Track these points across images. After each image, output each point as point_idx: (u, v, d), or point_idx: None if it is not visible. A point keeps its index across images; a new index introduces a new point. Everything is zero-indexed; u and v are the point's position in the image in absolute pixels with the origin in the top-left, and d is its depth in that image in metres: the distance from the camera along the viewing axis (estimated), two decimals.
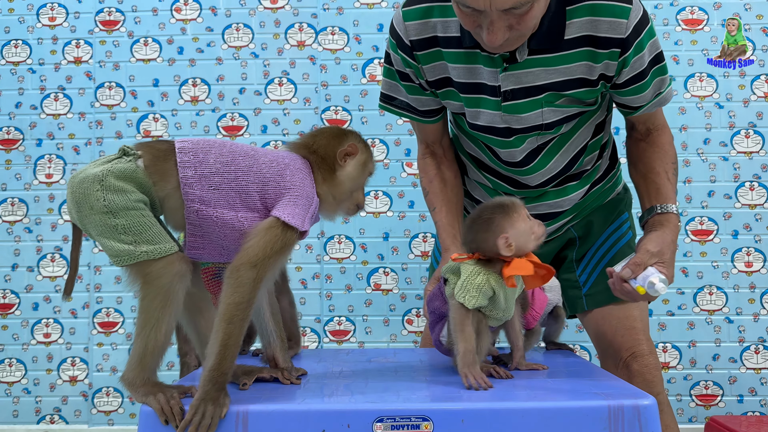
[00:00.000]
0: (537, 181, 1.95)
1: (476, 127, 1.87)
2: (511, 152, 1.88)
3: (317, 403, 1.37)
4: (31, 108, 3.29)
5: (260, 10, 3.30)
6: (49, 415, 3.20)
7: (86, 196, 1.45)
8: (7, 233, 3.26)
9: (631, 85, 1.78)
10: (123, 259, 1.42)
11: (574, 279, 2.07)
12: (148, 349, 1.42)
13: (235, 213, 1.46)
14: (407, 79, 1.90)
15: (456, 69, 1.80)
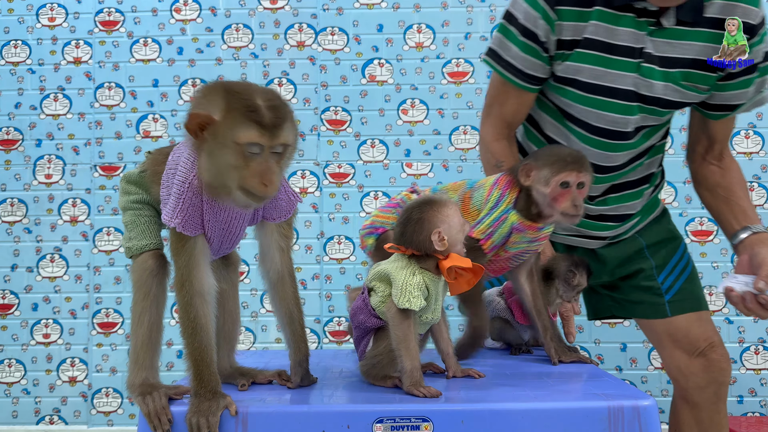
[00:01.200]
0: (621, 161, 1.97)
1: (597, 89, 1.86)
2: (624, 119, 1.89)
3: (317, 403, 1.37)
4: (31, 108, 3.29)
5: (260, 10, 3.30)
6: (48, 415, 3.20)
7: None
8: (7, 234, 3.26)
9: (742, 77, 1.88)
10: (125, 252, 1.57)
11: (656, 286, 2.09)
12: (138, 345, 1.49)
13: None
14: (531, 36, 1.85)
15: (597, 27, 1.82)
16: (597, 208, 2.03)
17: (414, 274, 1.45)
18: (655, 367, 3.14)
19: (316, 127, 3.26)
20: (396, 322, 1.43)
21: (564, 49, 1.85)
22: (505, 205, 1.67)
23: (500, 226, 1.66)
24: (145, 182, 1.53)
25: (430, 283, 1.47)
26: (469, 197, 1.73)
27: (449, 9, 3.27)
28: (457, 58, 3.26)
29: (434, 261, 1.47)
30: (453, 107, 3.25)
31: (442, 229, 1.45)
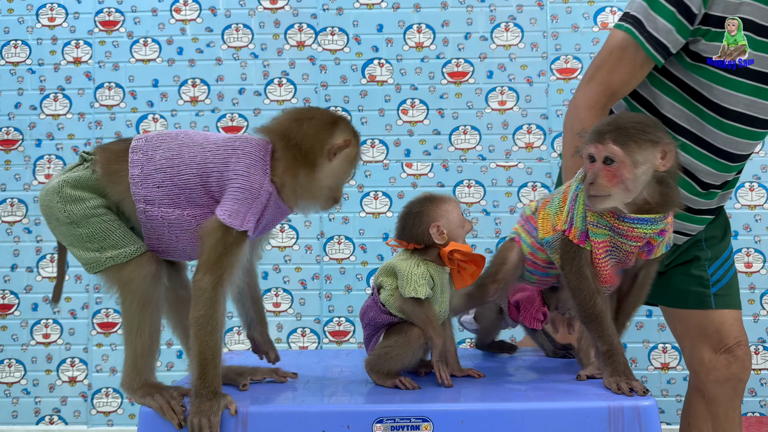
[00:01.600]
0: (750, 150, 1.95)
1: (746, 73, 1.78)
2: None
3: (317, 403, 1.37)
4: (31, 108, 3.29)
5: (260, 10, 3.30)
6: (48, 415, 3.20)
7: (50, 208, 1.44)
8: (7, 234, 3.25)
9: None
10: (92, 266, 1.42)
11: (706, 277, 2.07)
12: (138, 353, 1.43)
13: (181, 211, 1.40)
14: (680, 6, 1.74)
15: (752, 7, 1.76)
16: (704, 201, 1.94)
17: (418, 265, 1.52)
18: (655, 367, 3.14)
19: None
20: (410, 309, 1.51)
21: (711, 25, 1.75)
22: (577, 182, 1.54)
23: (575, 205, 1.52)
24: (100, 184, 1.44)
25: (434, 273, 1.53)
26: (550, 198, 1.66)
27: (449, 9, 3.27)
28: (457, 58, 3.26)
29: (436, 251, 1.54)
30: (453, 107, 3.25)
31: (441, 223, 1.53)
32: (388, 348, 1.51)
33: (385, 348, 1.51)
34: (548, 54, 3.25)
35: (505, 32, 3.26)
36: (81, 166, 1.47)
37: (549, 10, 3.26)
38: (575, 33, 3.25)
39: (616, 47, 1.80)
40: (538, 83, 3.25)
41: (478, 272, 1.56)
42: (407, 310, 1.50)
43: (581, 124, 1.79)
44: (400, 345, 1.50)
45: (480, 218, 3.20)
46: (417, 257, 1.54)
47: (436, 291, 1.54)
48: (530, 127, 3.23)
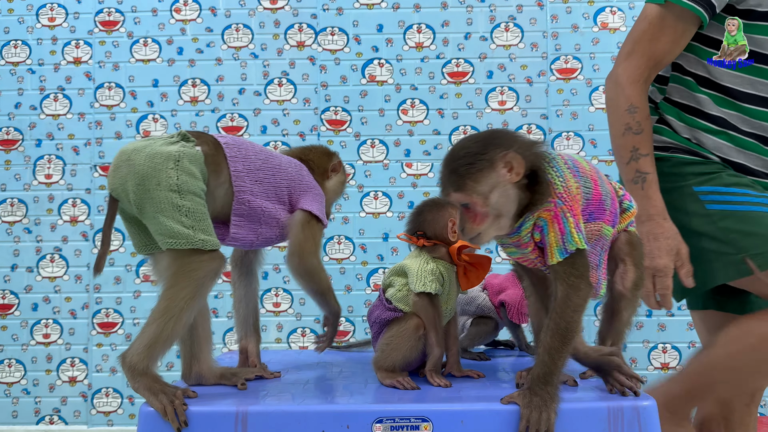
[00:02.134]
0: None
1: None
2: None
3: (317, 403, 1.37)
4: (31, 108, 3.29)
5: (260, 10, 3.30)
6: (48, 415, 3.20)
7: (156, 171, 1.41)
8: (7, 234, 3.26)
9: None
10: (179, 241, 1.39)
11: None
12: (161, 337, 1.38)
13: (273, 204, 1.59)
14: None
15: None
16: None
17: (428, 263, 1.58)
18: (655, 367, 3.14)
19: (315, 127, 3.26)
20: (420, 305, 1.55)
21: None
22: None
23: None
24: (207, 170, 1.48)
25: (444, 270, 1.59)
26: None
27: (449, 9, 3.27)
28: (457, 58, 3.26)
29: (444, 249, 1.61)
30: (453, 107, 3.25)
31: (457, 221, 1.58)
32: (389, 339, 1.55)
33: (386, 341, 1.55)
34: (548, 54, 3.25)
35: (505, 32, 3.26)
36: (188, 144, 1.48)
37: (549, 10, 3.26)
38: (575, 33, 3.25)
39: (655, 17, 1.73)
40: (538, 83, 3.25)
41: (483, 274, 1.63)
42: (417, 306, 1.54)
43: (628, 100, 1.74)
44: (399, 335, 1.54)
45: None
46: (426, 255, 1.60)
47: (445, 287, 1.59)
48: (530, 127, 3.23)
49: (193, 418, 1.33)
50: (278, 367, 1.71)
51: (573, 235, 1.32)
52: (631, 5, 3.24)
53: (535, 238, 1.37)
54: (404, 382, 1.49)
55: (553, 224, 1.33)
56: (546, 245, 1.35)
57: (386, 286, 1.63)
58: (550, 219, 1.34)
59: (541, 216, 1.34)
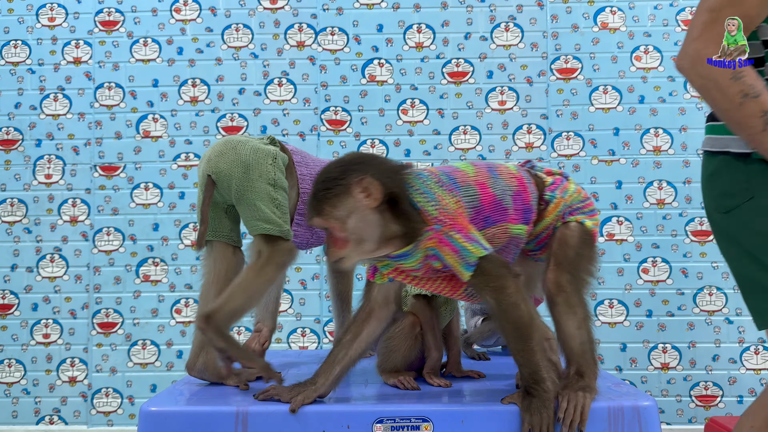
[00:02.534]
0: None
1: None
2: None
3: (317, 403, 1.37)
4: (31, 108, 3.29)
5: (260, 10, 3.30)
6: (48, 415, 3.20)
7: (259, 164, 1.60)
8: (7, 234, 3.25)
9: None
10: (273, 228, 1.58)
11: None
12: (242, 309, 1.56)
13: None
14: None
15: None
16: None
17: None
18: (655, 367, 3.14)
19: (316, 127, 3.26)
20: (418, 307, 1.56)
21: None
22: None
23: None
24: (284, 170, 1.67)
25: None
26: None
27: (449, 9, 3.27)
28: (457, 58, 3.26)
29: None
30: (453, 107, 3.25)
31: None
32: (387, 342, 1.55)
33: (385, 344, 1.56)
34: (548, 54, 3.25)
35: (505, 32, 3.26)
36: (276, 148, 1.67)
37: (549, 10, 3.26)
38: (575, 33, 3.25)
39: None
40: (538, 83, 3.25)
41: None
42: (415, 308, 1.55)
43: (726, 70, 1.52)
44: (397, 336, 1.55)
45: None
46: None
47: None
48: (530, 127, 3.23)
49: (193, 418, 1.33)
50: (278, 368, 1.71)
51: (467, 248, 1.32)
52: (631, 5, 3.24)
53: (436, 266, 1.37)
54: (405, 381, 1.49)
55: (443, 248, 1.34)
56: (451, 267, 1.35)
57: None
58: (438, 246, 1.34)
59: (428, 246, 1.35)
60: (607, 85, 3.23)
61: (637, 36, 3.23)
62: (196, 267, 3.20)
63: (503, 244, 1.43)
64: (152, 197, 3.24)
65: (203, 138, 3.26)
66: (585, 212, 1.50)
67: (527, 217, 1.45)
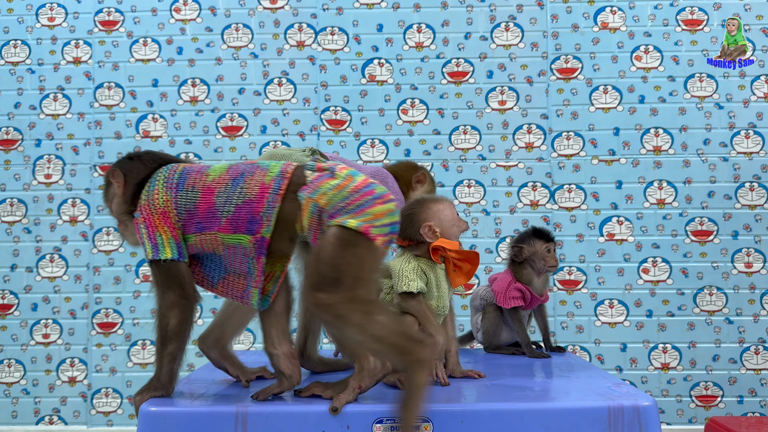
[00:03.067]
0: None
1: None
2: None
3: (317, 404, 1.36)
4: (30, 108, 3.29)
5: (260, 10, 3.30)
6: (48, 415, 3.20)
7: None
8: (6, 234, 3.25)
9: None
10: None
11: None
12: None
13: None
14: None
15: None
16: None
17: (409, 261, 1.60)
18: (655, 367, 3.14)
19: (315, 127, 3.26)
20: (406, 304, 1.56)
21: None
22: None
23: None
24: None
25: (426, 268, 1.60)
26: None
27: (449, 9, 3.27)
28: (457, 58, 3.26)
29: (426, 247, 1.62)
30: (453, 107, 3.25)
31: (434, 222, 1.61)
32: None
33: None
34: (548, 54, 3.25)
35: (505, 32, 3.26)
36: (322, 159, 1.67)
37: (549, 10, 3.25)
38: (575, 33, 3.25)
39: None
40: (538, 83, 3.24)
41: (473, 270, 1.64)
42: (404, 305, 1.56)
43: None
44: None
45: (480, 218, 3.20)
46: (408, 254, 1.62)
47: (430, 286, 1.60)
48: (530, 127, 3.23)
49: (193, 418, 1.32)
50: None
51: (145, 244, 1.44)
52: (631, 5, 3.24)
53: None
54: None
55: (136, 231, 1.47)
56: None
57: None
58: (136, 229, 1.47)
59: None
60: (608, 84, 3.23)
61: (638, 36, 3.23)
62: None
63: (225, 251, 1.43)
64: None
65: (203, 138, 3.26)
66: (350, 210, 1.33)
67: (252, 227, 1.39)
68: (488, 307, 2.08)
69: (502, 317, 2.07)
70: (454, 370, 1.63)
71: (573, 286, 3.16)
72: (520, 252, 2.05)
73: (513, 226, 3.19)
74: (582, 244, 3.18)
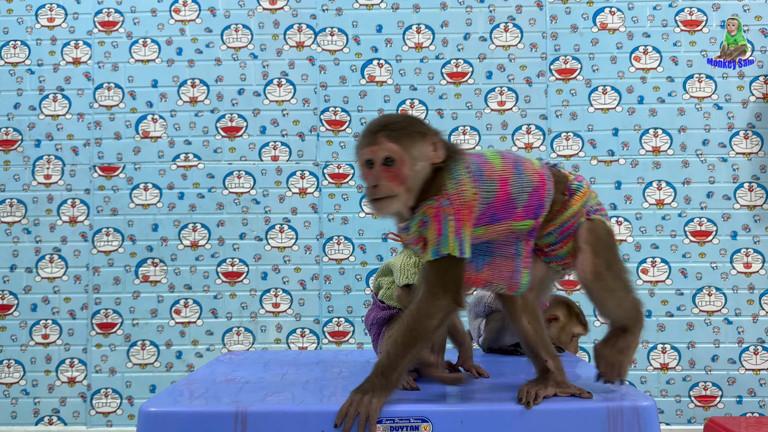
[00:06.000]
0: None
1: None
2: None
3: (316, 404, 1.37)
4: (30, 109, 3.29)
5: (259, 11, 3.30)
6: (47, 416, 3.20)
7: None
8: (6, 234, 3.25)
9: None
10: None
11: None
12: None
13: None
14: None
15: None
16: None
17: (410, 257, 1.62)
18: (655, 367, 3.14)
19: (315, 127, 3.26)
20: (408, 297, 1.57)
21: None
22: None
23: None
24: None
25: None
26: None
27: (448, 9, 3.27)
28: (457, 59, 3.26)
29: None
30: (452, 107, 3.25)
31: None
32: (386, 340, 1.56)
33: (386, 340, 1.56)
34: (547, 54, 3.25)
35: (505, 33, 3.26)
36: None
37: (548, 11, 3.26)
38: (574, 33, 3.25)
39: None
40: (538, 84, 3.25)
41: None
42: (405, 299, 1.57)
43: None
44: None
45: None
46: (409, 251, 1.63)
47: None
48: (529, 128, 3.23)
49: (193, 418, 1.33)
50: (278, 367, 1.71)
51: (449, 238, 1.32)
52: (630, 6, 3.25)
53: (423, 234, 1.36)
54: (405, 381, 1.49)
55: (434, 222, 1.33)
56: (426, 240, 1.35)
57: (377, 288, 1.69)
58: (432, 215, 1.34)
59: (426, 212, 1.35)
60: (607, 85, 3.23)
61: (637, 36, 3.24)
62: (195, 267, 3.20)
63: (505, 237, 1.42)
64: (151, 198, 3.24)
65: (202, 138, 3.26)
66: (603, 215, 1.54)
67: (538, 212, 1.44)
68: (494, 314, 2.06)
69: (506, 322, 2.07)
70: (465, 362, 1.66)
71: (572, 286, 3.16)
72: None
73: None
74: None
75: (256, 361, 1.88)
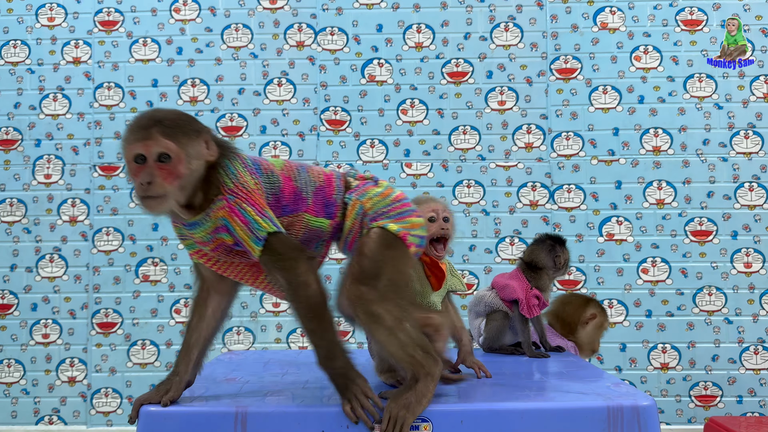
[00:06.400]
0: None
1: None
2: None
3: (316, 404, 1.36)
4: (30, 108, 3.29)
5: (259, 10, 3.30)
6: (47, 415, 3.20)
7: None
8: (6, 234, 3.25)
9: None
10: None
11: None
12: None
13: None
14: None
15: None
16: None
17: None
18: (655, 367, 3.14)
19: (315, 127, 3.26)
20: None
21: None
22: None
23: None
24: None
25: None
26: None
27: (449, 9, 3.27)
28: (457, 58, 3.26)
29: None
30: (452, 107, 3.25)
31: None
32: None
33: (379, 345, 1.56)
34: (548, 54, 3.25)
35: (505, 32, 3.26)
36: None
37: (548, 10, 3.26)
38: (575, 33, 3.25)
39: None
40: (538, 83, 3.25)
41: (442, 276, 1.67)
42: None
43: None
44: None
45: (479, 218, 3.20)
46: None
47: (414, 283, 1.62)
48: (530, 127, 3.23)
49: (192, 418, 1.33)
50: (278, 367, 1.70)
51: (258, 221, 1.30)
52: (630, 5, 3.24)
53: (228, 241, 1.34)
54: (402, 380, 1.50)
55: (234, 218, 1.31)
56: (241, 243, 1.32)
57: None
58: (228, 215, 1.32)
59: (218, 216, 1.33)
60: (607, 85, 3.23)
61: (637, 36, 3.23)
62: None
63: (303, 235, 1.41)
64: None
65: None
66: (391, 216, 1.42)
67: (329, 211, 1.42)
68: (494, 314, 2.07)
69: (508, 322, 2.06)
70: (466, 358, 1.65)
71: (572, 286, 3.16)
72: (559, 259, 2.08)
73: (512, 226, 3.19)
74: (581, 244, 3.18)
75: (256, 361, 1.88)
